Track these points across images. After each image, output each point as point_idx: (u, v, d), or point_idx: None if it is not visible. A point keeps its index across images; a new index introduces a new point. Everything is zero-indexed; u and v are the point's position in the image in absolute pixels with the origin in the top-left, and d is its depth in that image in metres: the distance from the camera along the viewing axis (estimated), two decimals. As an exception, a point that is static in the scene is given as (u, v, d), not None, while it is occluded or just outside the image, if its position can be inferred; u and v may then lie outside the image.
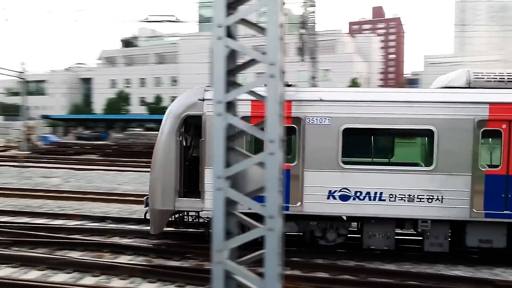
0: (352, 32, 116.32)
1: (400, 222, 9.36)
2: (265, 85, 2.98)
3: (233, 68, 3.28)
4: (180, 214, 10.48)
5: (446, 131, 8.76)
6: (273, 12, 2.93)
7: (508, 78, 9.16)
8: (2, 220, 12.71)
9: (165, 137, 9.61)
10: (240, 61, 3.39)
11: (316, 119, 9.08)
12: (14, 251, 9.67)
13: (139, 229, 11.68)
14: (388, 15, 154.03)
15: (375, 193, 8.93)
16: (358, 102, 9.09)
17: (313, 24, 28.16)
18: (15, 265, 8.93)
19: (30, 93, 56.54)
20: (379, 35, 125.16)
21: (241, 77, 3.45)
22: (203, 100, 9.35)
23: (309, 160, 9.10)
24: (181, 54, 59.98)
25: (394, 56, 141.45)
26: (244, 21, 3.15)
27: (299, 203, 9.13)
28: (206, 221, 9.97)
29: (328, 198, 9.03)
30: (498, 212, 8.77)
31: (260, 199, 3.04)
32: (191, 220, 10.50)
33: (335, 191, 9.01)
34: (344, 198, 9.01)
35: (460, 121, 8.76)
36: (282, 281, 2.96)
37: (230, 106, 3.24)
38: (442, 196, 8.75)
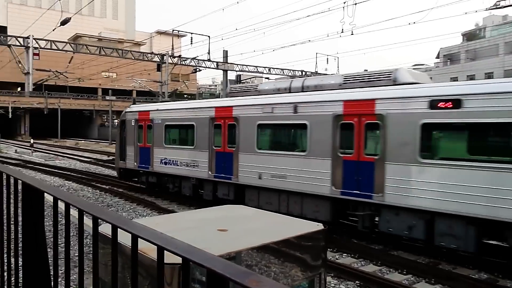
0: None
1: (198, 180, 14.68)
2: None
3: None
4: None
5: (199, 124, 14.25)
6: None
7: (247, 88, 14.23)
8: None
9: (117, 130, 19.03)
10: None
11: (157, 120, 16.05)
12: (353, 243, 10.38)
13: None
14: None
15: (176, 161, 15.10)
16: (170, 109, 15.79)
17: None
18: (354, 256, 9.56)
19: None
20: None
21: None
22: (125, 112, 17.99)
23: (154, 142, 16.09)
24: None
25: None
26: None
27: (151, 166, 16.19)
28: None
29: (160, 163, 15.76)
30: (222, 175, 13.33)
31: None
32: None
33: (162, 160, 15.68)
34: (166, 163, 15.52)
35: (204, 118, 13.98)
36: None
37: None
38: (198, 164, 14.20)
